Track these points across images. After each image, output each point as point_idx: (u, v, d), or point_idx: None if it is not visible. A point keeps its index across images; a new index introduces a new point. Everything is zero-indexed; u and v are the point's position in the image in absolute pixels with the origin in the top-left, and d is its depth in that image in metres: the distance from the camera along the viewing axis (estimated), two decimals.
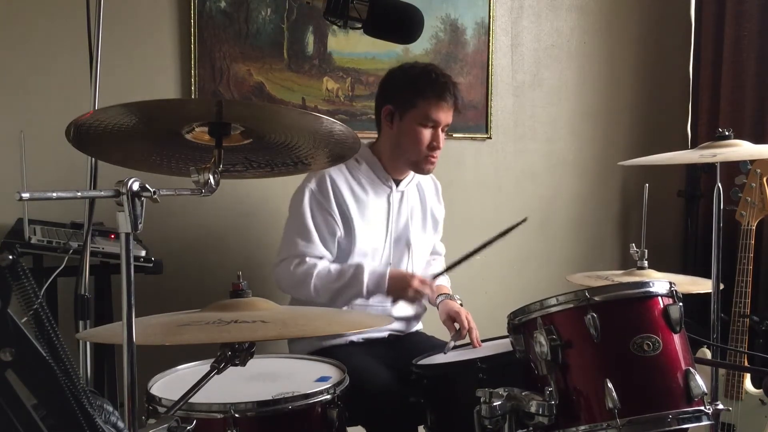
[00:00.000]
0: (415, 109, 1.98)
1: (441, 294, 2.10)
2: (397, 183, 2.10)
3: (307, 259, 1.98)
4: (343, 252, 2.04)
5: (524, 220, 1.85)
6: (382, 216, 2.08)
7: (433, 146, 2.00)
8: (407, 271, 2.05)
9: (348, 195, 2.02)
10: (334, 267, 1.98)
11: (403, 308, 2.10)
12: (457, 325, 1.96)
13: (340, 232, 2.01)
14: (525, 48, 3.00)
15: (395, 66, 2.11)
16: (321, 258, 2.00)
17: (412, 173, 2.13)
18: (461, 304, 2.05)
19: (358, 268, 1.95)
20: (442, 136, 2.01)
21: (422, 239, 2.18)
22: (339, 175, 2.02)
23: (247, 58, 2.44)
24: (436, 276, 2.02)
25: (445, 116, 2.00)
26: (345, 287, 1.93)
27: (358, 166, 2.06)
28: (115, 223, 0.95)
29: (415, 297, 1.96)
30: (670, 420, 1.31)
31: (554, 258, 3.10)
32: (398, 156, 2.05)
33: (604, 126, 3.18)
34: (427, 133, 1.99)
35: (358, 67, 2.60)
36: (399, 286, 1.94)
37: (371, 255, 2.05)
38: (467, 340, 1.95)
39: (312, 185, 2.01)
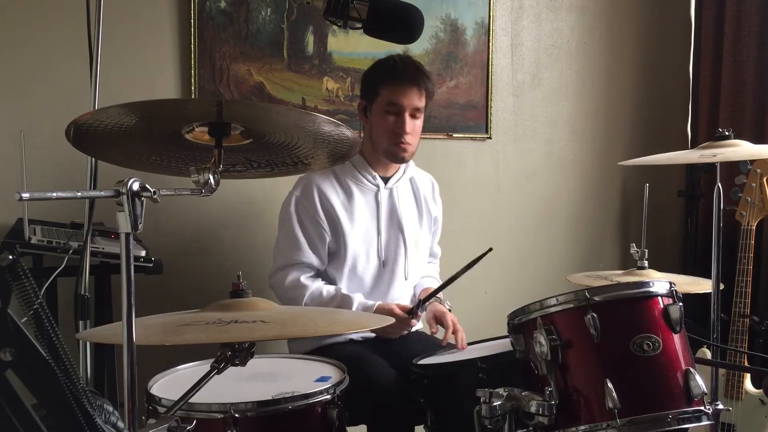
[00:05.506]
0: (378, 98, 2.00)
1: None
2: (386, 180, 2.10)
3: (302, 278, 1.98)
4: (335, 255, 2.05)
5: (490, 250, 1.79)
6: (371, 215, 2.08)
7: (398, 132, 1.99)
8: (393, 307, 1.96)
9: (335, 199, 2.02)
10: (326, 290, 1.98)
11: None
12: (439, 327, 1.95)
13: (328, 237, 2.02)
14: (525, 48, 3.00)
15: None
16: (310, 265, 2.01)
17: (402, 169, 2.13)
18: (449, 309, 2.02)
19: (348, 299, 1.96)
20: (411, 121, 1.99)
21: (418, 234, 2.17)
22: (324, 180, 2.03)
23: (247, 58, 2.44)
24: (418, 307, 1.93)
25: (409, 99, 1.98)
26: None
27: (343, 168, 2.06)
28: (115, 223, 0.95)
29: (396, 332, 1.97)
30: (670, 420, 1.31)
31: (554, 258, 3.10)
32: (376, 149, 2.06)
33: (604, 126, 3.18)
34: (391, 120, 1.99)
35: (358, 67, 2.60)
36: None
37: (365, 256, 2.06)
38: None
39: (297, 193, 2.04)
